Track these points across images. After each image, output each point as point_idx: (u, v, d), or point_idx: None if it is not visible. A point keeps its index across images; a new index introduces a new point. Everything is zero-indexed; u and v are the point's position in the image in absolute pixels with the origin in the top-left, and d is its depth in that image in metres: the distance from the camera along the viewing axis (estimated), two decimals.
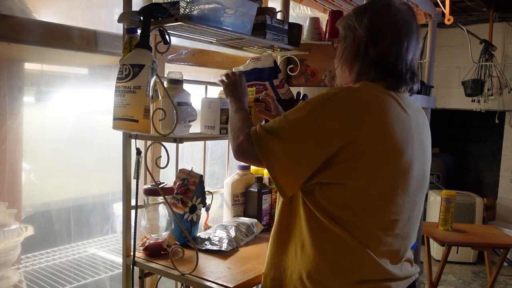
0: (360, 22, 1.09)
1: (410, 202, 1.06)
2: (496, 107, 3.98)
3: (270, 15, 1.58)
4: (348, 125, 0.97)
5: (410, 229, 1.10)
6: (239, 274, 1.27)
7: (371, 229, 1.02)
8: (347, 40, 1.12)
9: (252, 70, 1.79)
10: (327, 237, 1.02)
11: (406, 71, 1.08)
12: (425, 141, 1.12)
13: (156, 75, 1.20)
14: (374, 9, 1.10)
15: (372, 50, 1.07)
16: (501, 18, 3.87)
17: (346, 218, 1.01)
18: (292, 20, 1.82)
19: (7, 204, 1.45)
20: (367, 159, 0.97)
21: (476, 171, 4.57)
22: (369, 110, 0.99)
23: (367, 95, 1.02)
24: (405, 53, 1.07)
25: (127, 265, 1.40)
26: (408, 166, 1.02)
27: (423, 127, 1.12)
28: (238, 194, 1.79)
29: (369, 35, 1.07)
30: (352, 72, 1.12)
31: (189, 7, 1.24)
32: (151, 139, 1.36)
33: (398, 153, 1.00)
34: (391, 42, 1.06)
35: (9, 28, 1.32)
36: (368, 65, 1.08)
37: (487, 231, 2.67)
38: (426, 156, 1.11)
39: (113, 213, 1.79)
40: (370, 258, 1.02)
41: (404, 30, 1.07)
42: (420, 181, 1.09)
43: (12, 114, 1.43)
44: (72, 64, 1.66)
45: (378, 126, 0.98)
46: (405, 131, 1.02)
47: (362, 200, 1.00)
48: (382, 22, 1.07)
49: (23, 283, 1.51)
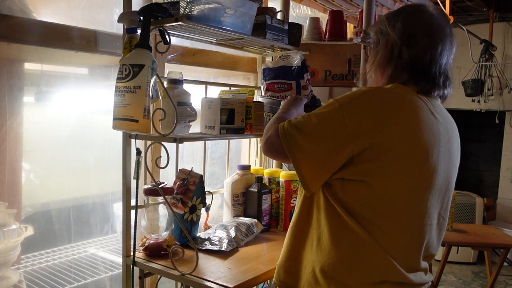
0: (393, 26, 1.09)
1: (433, 209, 1.04)
2: (496, 107, 3.98)
3: (270, 15, 1.58)
4: (375, 125, 0.97)
5: (432, 237, 1.08)
6: (239, 274, 1.27)
7: (390, 231, 1.01)
8: (380, 44, 1.13)
9: (280, 67, 1.79)
10: (345, 233, 1.01)
11: (440, 75, 1.07)
12: (453, 151, 1.10)
13: (156, 75, 1.20)
14: (407, 13, 1.11)
15: (406, 53, 1.07)
16: (501, 18, 3.86)
17: (366, 216, 1.00)
18: (292, 20, 1.82)
19: (7, 204, 1.45)
20: (391, 159, 0.97)
21: (476, 171, 4.56)
22: (397, 111, 0.99)
23: (396, 95, 1.02)
24: (439, 56, 1.07)
25: (127, 265, 1.40)
26: (432, 171, 1.01)
27: (452, 136, 1.10)
28: (238, 194, 1.79)
29: (403, 39, 1.07)
30: (384, 76, 1.12)
31: (189, 7, 1.24)
32: (151, 139, 1.36)
33: (423, 157, 0.99)
34: (425, 45, 1.06)
35: (9, 28, 1.32)
36: (401, 68, 1.08)
37: (487, 231, 2.67)
38: (453, 166, 1.10)
39: (113, 213, 1.79)
40: (386, 259, 1.00)
41: (438, 34, 1.07)
42: (444, 189, 1.07)
43: (12, 114, 1.43)
44: (72, 64, 1.66)
45: (405, 127, 0.98)
46: (432, 135, 1.01)
47: (383, 200, 0.99)
48: (416, 25, 1.08)
49: (23, 283, 1.51)
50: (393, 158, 0.97)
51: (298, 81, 1.76)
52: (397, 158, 0.97)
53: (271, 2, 2.20)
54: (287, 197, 1.79)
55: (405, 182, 0.99)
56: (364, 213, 1.00)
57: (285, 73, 1.78)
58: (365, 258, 1.01)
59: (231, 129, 1.47)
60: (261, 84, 1.91)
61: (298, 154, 1.02)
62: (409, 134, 0.98)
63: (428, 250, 1.10)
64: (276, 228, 1.82)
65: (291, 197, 1.78)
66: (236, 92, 1.63)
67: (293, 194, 1.78)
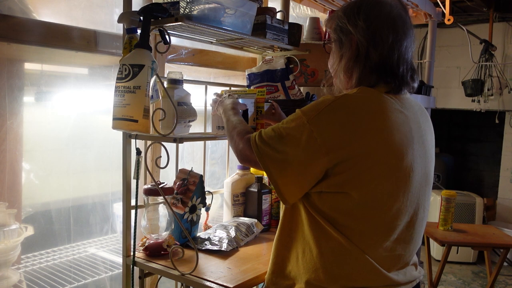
0: (355, 25, 1.04)
1: (412, 205, 1.04)
2: (496, 107, 3.98)
3: (270, 15, 1.58)
4: (346, 136, 0.95)
5: (414, 232, 1.08)
6: (239, 274, 1.27)
7: (371, 235, 1.00)
8: (344, 46, 1.08)
9: (264, 71, 1.82)
10: (328, 242, 1.01)
11: (407, 71, 1.05)
12: (428, 142, 1.09)
13: (156, 75, 1.20)
14: (367, 7, 1.04)
15: (373, 54, 1.03)
16: (501, 18, 3.87)
17: (346, 224, 0.99)
18: (292, 20, 1.82)
19: (7, 204, 1.45)
20: (366, 167, 0.95)
21: (476, 171, 4.56)
22: (366, 118, 0.97)
23: (362, 102, 0.99)
24: (405, 52, 1.04)
25: (127, 265, 1.40)
26: (409, 170, 1.00)
27: (425, 127, 1.09)
28: (238, 194, 1.79)
29: (368, 39, 1.03)
30: (352, 79, 1.08)
31: (189, 7, 1.24)
32: (151, 139, 1.36)
33: (398, 159, 0.98)
34: (391, 43, 1.02)
35: (9, 28, 1.32)
36: (369, 70, 1.05)
37: (487, 231, 2.67)
38: (428, 157, 1.09)
39: (113, 213, 1.79)
40: (370, 264, 1.00)
41: (401, 28, 1.03)
42: (423, 183, 1.07)
43: (12, 114, 1.43)
44: (72, 64, 1.66)
45: (376, 133, 0.96)
46: (404, 134, 1.00)
47: (362, 207, 0.98)
48: (379, 22, 1.03)
49: (23, 283, 1.51)
50: (368, 166, 0.95)
51: (283, 83, 1.79)
52: (372, 165, 0.96)
53: (271, 2, 2.20)
54: None
55: (382, 187, 0.97)
56: (344, 220, 0.99)
57: (270, 76, 1.82)
58: (348, 266, 1.00)
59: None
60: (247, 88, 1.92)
61: (274, 171, 1.00)
62: (380, 139, 0.96)
63: (413, 245, 1.09)
64: (276, 228, 1.82)
65: None
66: (243, 92, 1.61)
67: None
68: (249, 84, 1.89)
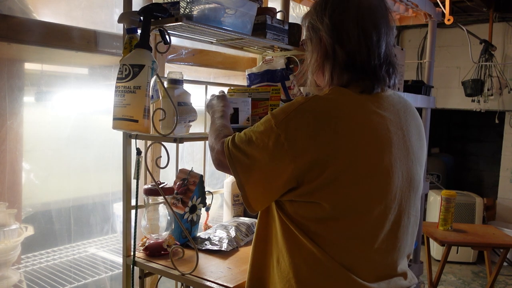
0: (322, 22, 0.99)
1: (393, 213, 0.97)
2: (496, 107, 3.98)
3: (270, 15, 1.58)
4: (314, 140, 0.89)
5: (397, 241, 1.00)
6: (239, 274, 1.27)
7: (346, 245, 0.94)
8: (313, 43, 1.03)
9: (265, 71, 1.82)
10: (300, 252, 0.95)
11: (381, 66, 0.98)
12: (411, 144, 1.00)
13: (156, 75, 1.20)
14: (334, 2, 0.99)
15: (340, 52, 0.97)
16: (501, 18, 3.87)
17: (319, 233, 0.94)
18: (292, 20, 1.82)
19: (7, 204, 1.45)
20: (336, 175, 0.89)
21: (476, 171, 4.56)
22: (335, 122, 0.90)
23: (333, 104, 0.93)
24: (376, 46, 0.97)
25: (127, 265, 1.40)
26: (386, 175, 0.93)
27: (409, 128, 1.01)
28: (238, 194, 1.79)
29: (333, 36, 0.97)
30: (324, 78, 1.03)
31: (189, 7, 1.24)
32: (151, 139, 1.36)
33: (371, 164, 0.91)
34: (359, 39, 0.96)
35: (9, 28, 1.32)
36: (339, 68, 0.99)
37: (487, 231, 2.67)
38: (413, 160, 1.00)
39: (113, 213, 1.79)
40: (344, 275, 0.93)
41: (371, 21, 0.96)
42: (406, 188, 0.98)
43: (12, 114, 1.43)
44: (72, 64, 1.66)
45: (345, 138, 0.90)
46: (379, 137, 0.93)
47: (335, 216, 0.92)
48: (344, 18, 0.97)
49: (23, 283, 1.51)
50: (338, 173, 0.89)
51: (284, 83, 1.80)
52: (341, 172, 0.89)
53: (271, 2, 2.20)
54: None
55: (355, 195, 0.91)
56: (317, 229, 0.94)
57: (270, 76, 1.82)
58: (321, 276, 0.94)
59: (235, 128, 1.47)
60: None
61: (241, 175, 0.97)
62: (350, 144, 0.90)
63: (398, 254, 1.02)
64: None
65: None
66: (255, 90, 1.59)
67: None
68: (249, 84, 1.89)
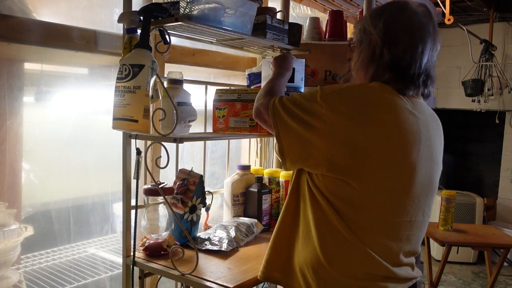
0: (375, 27, 1.10)
1: (413, 206, 1.06)
2: (496, 107, 3.98)
3: (270, 15, 1.58)
4: (351, 121, 0.98)
5: (411, 234, 1.09)
6: (239, 274, 1.27)
7: (370, 228, 1.02)
8: (363, 44, 1.14)
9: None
10: (328, 227, 1.04)
11: (419, 75, 1.08)
12: (435, 148, 1.11)
13: (156, 75, 1.20)
14: (390, 12, 1.10)
15: (387, 55, 1.08)
16: (501, 18, 3.87)
17: (347, 213, 1.02)
18: (292, 20, 1.81)
19: (7, 204, 1.45)
20: (369, 158, 0.98)
21: (476, 171, 4.56)
22: (375, 109, 1.01)
23: (375, 93, 1.03)
24: (419, 57, 1.07)
25: (127, 265, 1.40)
26: (411, 169, 1.02)
27: (434, 134, 1.11)
28: (238, 194, 1.79)
29: (384, 40, 1.08)
30: (367, 76, 1.14)
31: (189, 7, 1.24)
32: (151, 139, 1.36)
33: (402, 155, 1.00)
34: (406, 46, 1.07)
35: (9, 28, 1.32)
36: (382, 69, 1.09)
37: (487, 231, 2.67)
38: (435, 164, 1.11)
39: (113, 213, 1.79)
40: (368, 254, 1.02)
41: (419, 34, 1.07)
42: (426, 187, 1.08)
43: (12, 114, 1.43)
44: (72, 64, 1.66)
45: (381, 125, 0.99)
46: (411, 133, 1.02)
47: (361, 198, 1.00)
48: (397, 26, 1.08)
49: (23, 283, 1.51)
50: (370, 156, 0.98)
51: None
52: (374, 157, 0.98)
53: (271, 2, 2.20)
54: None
55: (382, 181, 1.00)
56: (345, 209, 1.02)
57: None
58: (347, 253, 1.03)
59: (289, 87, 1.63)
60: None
61: (281, 129, 1.08)
62: (386, 133, 0.99)
63: (410, 246, 1.10)
64: None
65: None
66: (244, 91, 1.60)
67: None
68: (249, 84, 1.89)
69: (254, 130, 1.53)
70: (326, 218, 1.04)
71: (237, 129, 1.56)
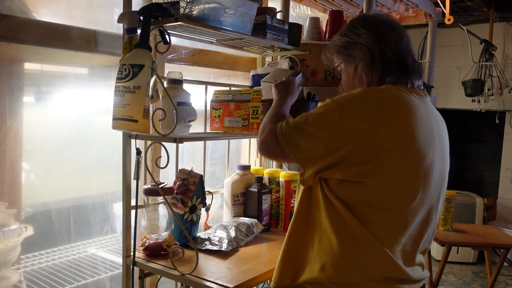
0: (359, 35, 1.11)
1: (428, 204, 1.06)
2: (496, 107, 3.98)
3: (270, 15, 1.58)
4: (372, 125, 0.97)
5: (424, 231, 1.09)
6: (239, 274, 1.27)
7: (389, 227, 1.02)
8: (355, 57, 1.13)
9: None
10: (346, 230, 1.02)
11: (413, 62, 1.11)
12: (445, 146, 1.12)
13: (156, 75, 1.20)
14: (360, 20, 1.14)
15: (387, 51, 1.09)
16: (501, 18, 3.86)
17: (365, 213, 1.01)
18: (292, 20, 1.82)
19: (7, 204, 1.45)
20: (388, 160, 0.98)
21: (476, 171, 4.56)
22: (394, 111, 1.00)
23: (391, 95, 1.03)
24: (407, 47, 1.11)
25: (127, 265, 1.40)
26: (429, 169, 1.02)
27: (443, 131, 1.13)
28: (238, 194, 1.79)
29: (377, 39, 1.09)
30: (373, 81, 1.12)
31: (189, 7, 1.24)
32: (151, 139, 1.36)
33: (421, 156, 1.00)
34: (396, 39, 1.10)
35: (9, 28, 1.32)
36: (388, 67, 1.10)
37: (487, 231, 2.67)
38: (445, 161, 1.12)
39: (113, 213, 1.79)
40: (387, 255, 1.02)
41: (397, 27, 1.12)
42: (439, 184, 1.09)
43: (12, 114, 1.43)
44: (72, 64, 1.66)
45: (402, 127, 0.99)
46: (427, 133, 1.02)
47: (380, 198, 1.00)
48: (379, 26, 1.11)
49: (23, 283, 1.51)
50: (390, 158, 0.98)
51: None
52: (394, 159, 0.98)
53: (271, 2, 2.20)
54: (287, 197, 1.78)
55: (400, 182, 1.00)
56: (362, 210, 1.01)
57: None
58: (366, 255, 1.02)
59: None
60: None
61: (300, 155, 1.04)
62: (405, 135, 0.99)
63: (424, 244, 1.12)
64: (276, 228, 1.82)
65: (291, 197, 1.78)
66: (238, 92, 1.62)
67: (293, 194, 1.78)
68: (252, 85, 1.89)
69: (246, 130, 1.56)
70: (344, 222, 1.02)
71: (231, 129, 1.60)
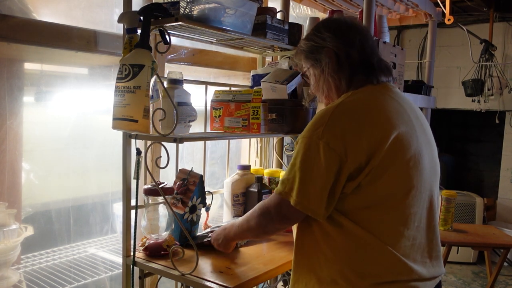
0: (324, 39, 1.13)
1: (426, 192, 1.07)
2: (496, 107, 3.98)
3: (271, 15, 1.58)
4: (359, 136, 0.99)
5: (433, 219, 1.10)
6: (239, 274, 1.27)
7: (391, 225, 1.02)
8: (321, 61, 1.14)
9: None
10: (350, 240, 1.02)
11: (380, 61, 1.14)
12: (428, 131, 1.15)
13: (156, 75, 1.20)
14: (323, 24, 1.16)
15: (353, 53, 1.12)
16: (501, 18, 3.86)
17: (364, 217, 1.02)
18: (292, 20, 1.82)
19: (7, 204, 1.45)
20: (380, 160, 0.99)
21: (476, 171, 4.56)
22: (368, 116, 1.02)
23: (359, 103, 1.05)
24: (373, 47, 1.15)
25: (127, 265, 1.40)
26: (418, 157, 1.04)
27: (421, 118, 1.15)
28: (238, 194, 1.79)
29: (342, 42, 1.12)
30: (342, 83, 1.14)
31: (189, 7, 1.24)
32: (151, 139, 1.36)
33: (406, 147, 1.02)
34: (360, 40, 1.12)
35: (9, 28, 1.32)
36: (354, 67, 1.12)
37: (487, 231, 2.67)
38: (432, 145, 1.14)
39: (113, 213, 1.79)
40: (394, 257, 1.01)
41: (361, 29, 1.16)
42: (433, 169, 1.11)
43: (12, 114, 1.43)
44: (72, 64, 1.66)
45: (384, 128, 1.01)
46: (405, 123, 1.04)
47: (379, 200, 1.01)
48: (342, 28, 1.13)
49: (23, 283, 1.51)
50: (381, 158, 0.99)
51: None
52: (384, 157, 0.99)
53: (271, 2, 2.20)
54: None
55: (397, 178, 1.01)
56: (362, 214, 1.02)
57: None
58: (372, 261, 1.02)
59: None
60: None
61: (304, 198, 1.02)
62: (386, 131, 1.00)
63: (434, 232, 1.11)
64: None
65: None
66: (238, 92, 1.62)
67: None
68: (252, 85, 1.89)
69: (246, 130, 1.55)
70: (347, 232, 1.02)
71: (231, 129, 1.59)
